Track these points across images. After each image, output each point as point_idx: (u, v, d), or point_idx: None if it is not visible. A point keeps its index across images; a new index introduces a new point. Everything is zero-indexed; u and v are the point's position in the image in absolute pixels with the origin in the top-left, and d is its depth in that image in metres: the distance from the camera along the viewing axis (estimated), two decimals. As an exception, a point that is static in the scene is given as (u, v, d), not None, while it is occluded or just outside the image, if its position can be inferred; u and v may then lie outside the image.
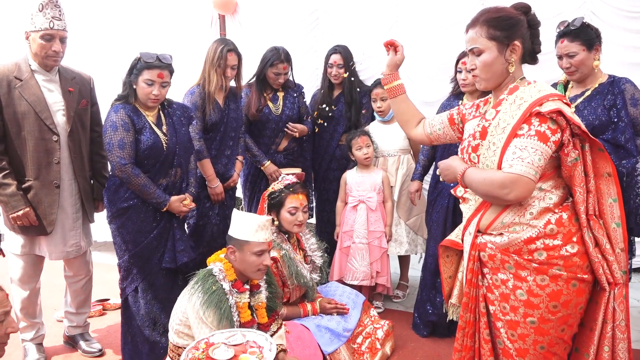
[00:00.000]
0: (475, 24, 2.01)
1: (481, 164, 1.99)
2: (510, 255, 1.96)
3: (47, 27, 2.99)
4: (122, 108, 2.95)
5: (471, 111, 2.23)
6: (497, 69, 1.99)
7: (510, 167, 1.85)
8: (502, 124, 1.92)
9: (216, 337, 2.25)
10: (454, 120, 2.30)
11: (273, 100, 3.97)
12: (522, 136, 1.87)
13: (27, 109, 3.04)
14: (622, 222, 1.96)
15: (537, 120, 1.86)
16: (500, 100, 1.99)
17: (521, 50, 1.99)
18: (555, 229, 1.91)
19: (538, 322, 1.93)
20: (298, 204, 3.10)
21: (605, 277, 1.92)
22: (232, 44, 3.62)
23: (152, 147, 2.96)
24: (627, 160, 2.83)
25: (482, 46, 1.99)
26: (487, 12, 2.01)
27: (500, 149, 1.91)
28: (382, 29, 4.73)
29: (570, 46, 2.89)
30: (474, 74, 2.05)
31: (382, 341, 3.25)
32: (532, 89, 1.94)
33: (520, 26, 1.98)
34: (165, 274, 3.08)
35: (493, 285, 2.02)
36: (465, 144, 2.09)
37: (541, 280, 1.90)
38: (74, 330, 3.51)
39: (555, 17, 3.47)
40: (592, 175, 1.94)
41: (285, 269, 3.01)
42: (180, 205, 3.07)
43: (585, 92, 2.97)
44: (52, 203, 3.12)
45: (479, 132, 2.00)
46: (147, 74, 2.91)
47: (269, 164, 3.93)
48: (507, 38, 1.96)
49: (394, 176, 3.98)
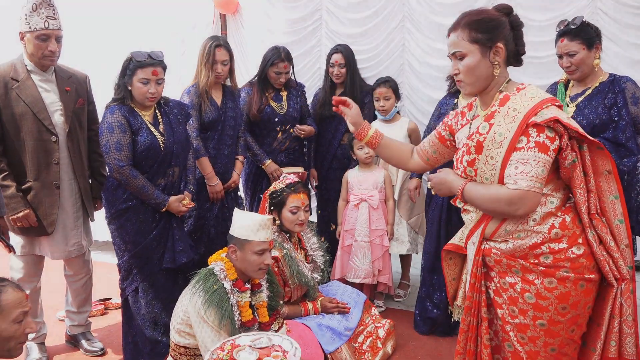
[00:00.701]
0: (457, 28, 1.97)
1: (479, 178, 1.97)
2: (517, 260, 1.94)
3: (42, 27, 2.97)
4: (117, 109, 2.94)
5: (457, 120, 2.19)
6: (482, 73, 1.95)
7: (515, 183, 1.83)
8: (499, 138, 1.88)
9: (242, 339, 2.25)
10: (444, 137, 2.25)
11: (276, 99, 3.97)
12: (522, 149, 1.84)
13: (25, 110, 3.02)
14: (625, 219, 1.95)
15: (535, 131, 1.83)
16: (493, 112, 1.95)
17: (505, 53, 1.94)
18: (560, 233, 1.90)
19: (548, 324, 1.92)
20: (299, 203, 3.10)
21: (612, 274, 1.91)
22: (222, 40, 3.63)
23: (149, 147, 2.95)
24: (627, 159, 2.83)
25: (465, 50, 1.94)
26: (468, 15, 1.97)
27: (500, 163, 1.89)
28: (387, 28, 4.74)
29: (571, 45, 2.89)
30: (457, 78, 2.01)
31: (384, 340, 3.25)
32: (523, 98, 1.90)
33: (502, 28, 1.94)
34: (165, 274, 3.08)
35: (501, 288, 2.01)
36: (459, 154, 2.06)
37: (549, 282, 1.89)
38: (75, 330, 3.51)
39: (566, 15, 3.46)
40: (591, 175, 1.92)
41: (287, 268, 3.01)
42: (180, 205, 3.06)
43: (585, 90, 2.97)
44: (52, 203, 3.12)
45: (474, 146, 1.96)
46: (141, 72, 2.90)
47: (270, 163, 3.93)
48: (489, 40, 1.92)
49: (395, 175, 3.99)
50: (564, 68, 2.97)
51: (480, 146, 1.93)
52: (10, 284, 2.01)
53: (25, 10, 2.96)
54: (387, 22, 4.74)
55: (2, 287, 1.96)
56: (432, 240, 3.57)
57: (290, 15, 5.12)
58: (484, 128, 1.95)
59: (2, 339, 1.95)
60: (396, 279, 4.26)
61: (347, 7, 4.90)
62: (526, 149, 1.83)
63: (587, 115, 2.91)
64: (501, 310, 2.01)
